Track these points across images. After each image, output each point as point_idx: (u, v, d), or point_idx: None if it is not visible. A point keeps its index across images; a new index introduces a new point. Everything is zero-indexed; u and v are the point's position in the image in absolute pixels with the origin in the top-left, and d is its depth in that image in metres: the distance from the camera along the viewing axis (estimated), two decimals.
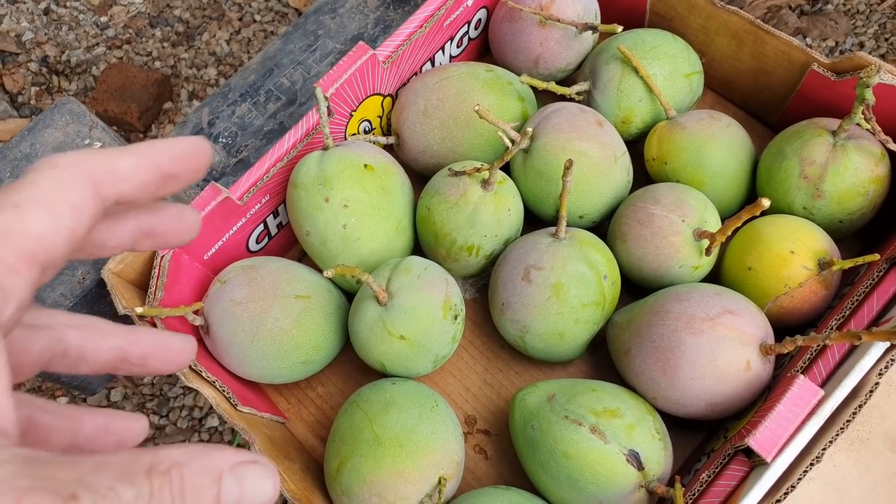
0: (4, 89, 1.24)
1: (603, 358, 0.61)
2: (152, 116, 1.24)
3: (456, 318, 0.56)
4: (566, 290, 0.54)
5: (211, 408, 1.01)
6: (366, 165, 0.58)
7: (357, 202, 0.56)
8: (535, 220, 0.64)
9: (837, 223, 0.57)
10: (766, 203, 0.48)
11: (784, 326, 0.55)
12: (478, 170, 0.57)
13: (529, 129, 0.52)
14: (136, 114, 1.21)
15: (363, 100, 0.64)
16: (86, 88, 1.28)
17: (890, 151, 0.55)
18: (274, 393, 0.63)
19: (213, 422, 1.00)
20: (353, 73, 0.60)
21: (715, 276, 0.60)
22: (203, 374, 0.52)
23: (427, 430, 0.51)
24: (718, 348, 0.49)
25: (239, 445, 0.94)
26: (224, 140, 0.73)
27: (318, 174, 0.57)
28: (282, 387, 0.63)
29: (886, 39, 1.23)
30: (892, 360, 0.46)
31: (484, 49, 0.75)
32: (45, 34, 1.32)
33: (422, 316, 0.53)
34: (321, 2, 0.80)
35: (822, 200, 0.56)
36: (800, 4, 1.26)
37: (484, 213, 0.57)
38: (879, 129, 0.53)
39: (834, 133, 0.55)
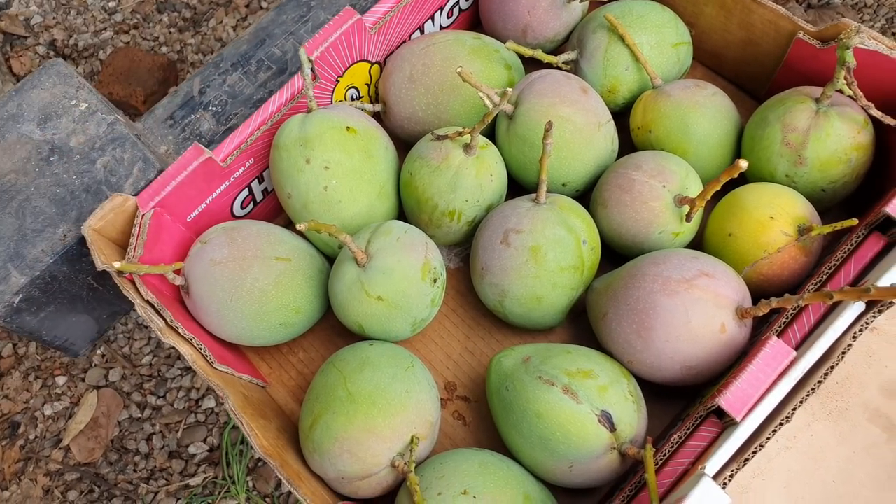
0: (12, 72, 1.25)
1: (584, 327, 0.61)
2: (157, 100, 1.25)
3: (435, 281, 0.56)
4: (544, 254, 0.54)
5: (208, 389, 1.01)
6: (348, 128, 0.58)
7: (338, 164, 0.57)
8: (521, 189, 0.64)
9: (820, 191, 0.56)
10: (743, 164, 0.47)
11: (764, 294, 0.55)
12: (460, 133, 0.57)
13: (510, 90, 0.52)
14: (142, 97, 1.22)
15: (350, 66, 0.64)
16: (92, 72, 1.29)
17: (874, 119, 0.55)
18: (255, 357, 0.64)
19: (209, 403, 1.00)
20: (339, 37, 0.60)
21: (698, 245, 0.60)
22: (180, 330, 0.52)
23: (401, 388, 0.51)
24: (693, 310, 0.49)
25: (234, 427, 0.95)
26: (214, 108, 0.73)
27: (299, 135, 0.57)
28: (263, 351, 0.64)
29: (895, 34, 1.21)
30: (867, 323, 0.46)
31: (475, 21, 0.75)
32: (54, 18, 1.33)
33: (400, 277, 0.53)
34: None
35: (804, 167, 0.55)
36: None
37: (465, 177, 0.57)
38: (861, 94, 0.52)
39: (817, 100, 0.55)
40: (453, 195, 0.57)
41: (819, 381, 0.44)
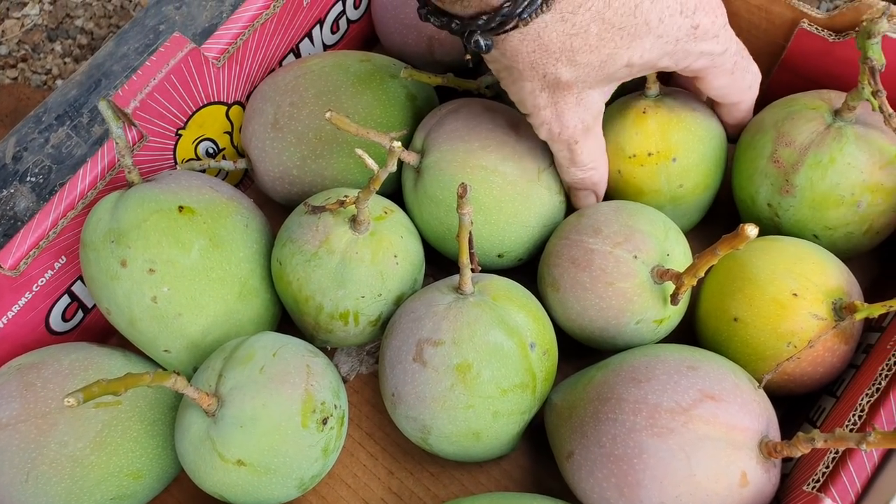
0: None
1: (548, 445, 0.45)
2: None
3: (325, 421, 0.39)
4: (476, 374, 0.37)
5: None
6: (181, 208, 0.40)
7: (168, 264, 0.39)
8: (447, 262, 0.47)
9: (811, 237, 0.40)
10: (751, 232, 0.31)
11: (787, 393, 0.39)
12: (342, 203, 0.40)
13: (396, 144, 0.35)
14: None
15: (195, 112, 0.47)
16: None
17: None
18: None
19: None
20: (168, 76, 0.43)
21: (689, 327, 0.44)
22: None
23: None
24: (698, 456, 0.32)
25: None
26: (33, 179, 0.55)
27: (110, 227, 0.39)
28: None
29: None
30: None
31: (370, 35, 0.57)
32: None
33: (266, 429, 0.36)
34: None
35: (790, 199, 0.40)
36: None
37: (356, 265, 0.40)
38: (892, 111, 0.36)
39: (836, 112, 0.39)
40: (342, 292, 0.40)
41: None
